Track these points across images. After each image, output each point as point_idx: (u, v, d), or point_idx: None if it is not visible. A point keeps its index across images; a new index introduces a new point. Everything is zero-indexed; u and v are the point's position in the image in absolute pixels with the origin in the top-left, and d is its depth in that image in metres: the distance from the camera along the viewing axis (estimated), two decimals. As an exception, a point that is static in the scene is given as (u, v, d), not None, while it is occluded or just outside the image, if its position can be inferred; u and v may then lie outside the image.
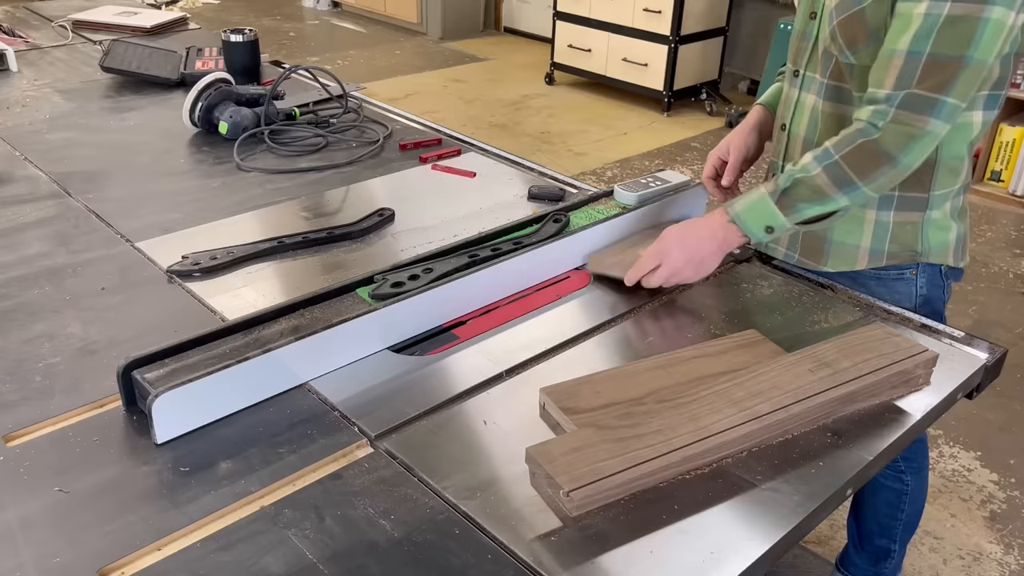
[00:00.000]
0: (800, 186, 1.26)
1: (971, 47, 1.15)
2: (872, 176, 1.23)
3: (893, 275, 1.39)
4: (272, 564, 0.85)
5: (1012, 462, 2.39)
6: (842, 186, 1.24)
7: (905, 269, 1.39)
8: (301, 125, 1.97)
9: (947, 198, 1.36)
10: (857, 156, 1.22)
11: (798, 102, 1.41)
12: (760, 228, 1.29)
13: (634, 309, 1.31)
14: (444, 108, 5.07)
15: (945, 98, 1.17)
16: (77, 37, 2.73)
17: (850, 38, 1.27)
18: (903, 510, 1.66)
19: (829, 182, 1.24)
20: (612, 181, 4.10)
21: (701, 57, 5.04)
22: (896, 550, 1.73)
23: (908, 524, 1.70)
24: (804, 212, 1.27)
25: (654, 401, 1.05)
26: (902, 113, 1.19)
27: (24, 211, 1.57)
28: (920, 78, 1.18)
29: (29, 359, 1.16)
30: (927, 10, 1.15)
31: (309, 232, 1.49)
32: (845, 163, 1.23)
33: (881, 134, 1.21)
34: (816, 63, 1.36)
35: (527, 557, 0.86)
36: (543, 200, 1.67)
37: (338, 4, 7.56)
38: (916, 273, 1.39)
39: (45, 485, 0.94)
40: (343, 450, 1.00)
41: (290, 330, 1.14)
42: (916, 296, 1.41)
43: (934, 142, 1.21)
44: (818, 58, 1.35)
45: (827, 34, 1.31)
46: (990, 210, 3.99)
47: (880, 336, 1.16)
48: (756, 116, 1.55)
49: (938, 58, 1.16)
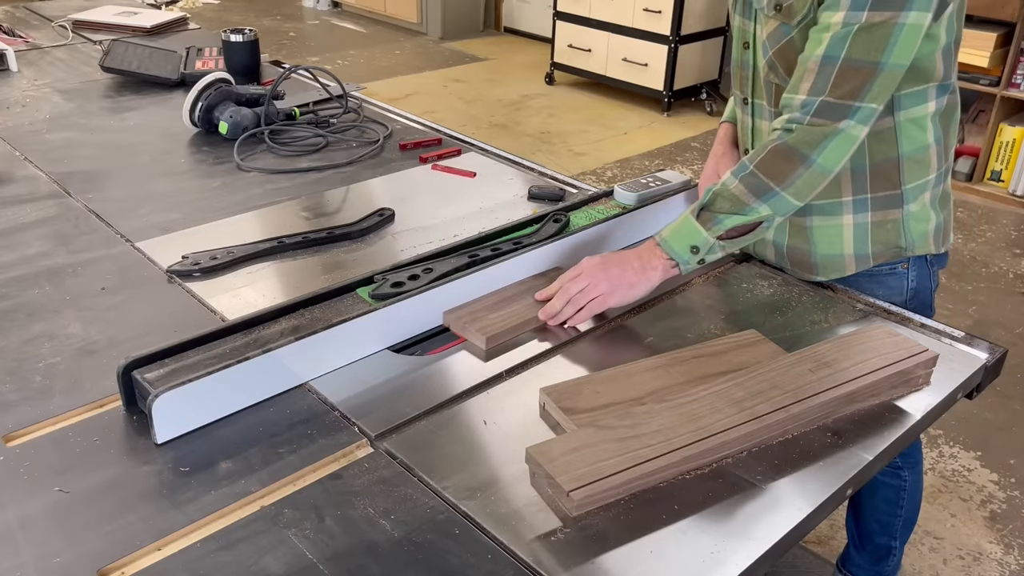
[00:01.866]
0: (718, 199, 1.24)
1: (885, 53, 1.15)
2: (788, 179, 1.21)
3: (885, 271, 1.40)
4: (272, 564, 0.85)
5: (1012, 462, 2.39)
6: (759, 193, 1.22)
7: (896, 264, 1.39)
8: (301, 125, 1.97)
9: (924, 189, 1.35)
10: (770, 161, 1.21)
11: (754, 128, 1.42)
12: (685, 248, 1.24)
13: (634, 309, 1.31)
14: (444, 108, 5.07)
15: (859, 104, 1.17)
16: (77, 37, 2.73)
17: (787, 66, 1.27)
18: (902, 506, 1.67)
19: (746, 191, 1.22)
20: (612, 181, 4.10)
21: (701, 57, 5.04)
22: (897, 547, 1.74)
23: (907, 520, 1.70)
24: (724, 223, 1.23)
25: (654, 401, 1.05)
26: (816, 119, 1.19)
27: (24, 211, 1.57)
28: (834, 84, 1.17)
29: (29, 359, 1.16)
30: (844, 19, 1.15)
31: (309, 232, 1.49)
32: (759, 170, 1.22)
33: (793, 136, 1.20)
34: (761, 91, 1.36)
35: (527, 557, 0.86)
36: (543, 200, 1.67)
37: (338, 4, 7.56)
38: (907, 267, 1.39)
39: (45, 485, 0.94)
40: (343, 450, 1.01)
41: (290, 330, 1.14)
42: (907, 289, 1.41)
43: (852, 143, 1.20)
44: (762, 86, 1.35)
45: (764, 64, 1.31)
46: (990, 210, 3.99)
47: (880, 336, 1.16)
48: (728, 133, 1.53)
49: (852, 64, 1.16)
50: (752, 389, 1.06)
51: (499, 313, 1.24)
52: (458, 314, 1.24)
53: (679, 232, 1.25)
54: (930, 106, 1.29)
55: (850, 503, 1.76)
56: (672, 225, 1.27)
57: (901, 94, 1.26)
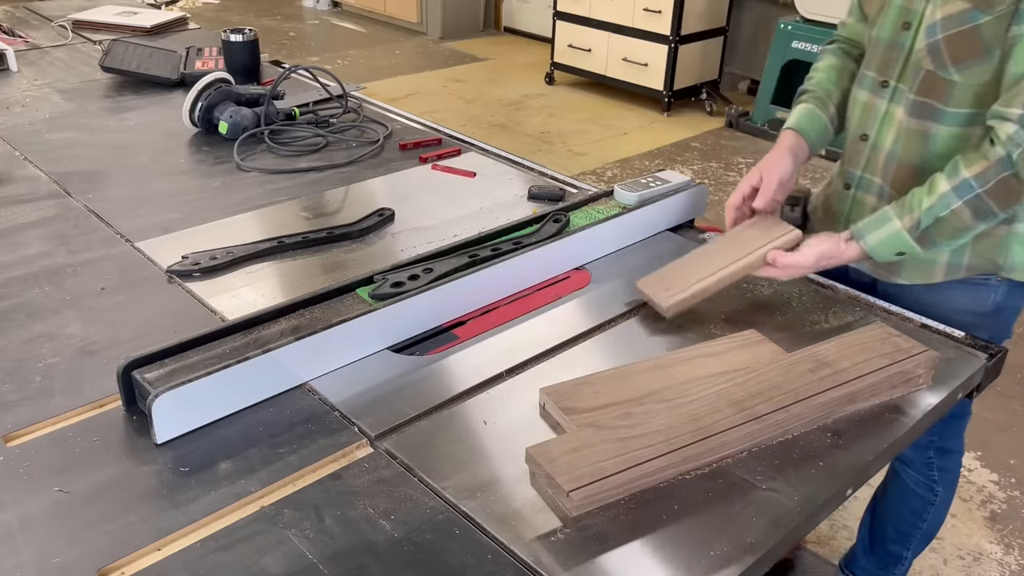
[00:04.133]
0: (943, 224, 1.23)
1: None
2: (1011, 206, 1.22)
3: (979, 279, 1.35)
4: (272, 564, 0.85)
5: (1012, 462, 2.39)
6: (982, 217, 1.22)
7: (991, 276, 1.35)
8: (301, 125, 1.97)
9: None
10: (1000, 190, 1.19)
11: (887, 114, 1.35)
12: (890, 253, 1.28)
13: (634, 309, 1.31)
14: (444, 108, 5.06)
15: None
16: (77, 37, 2.73)
17: (957, 54, 1.22)
18: (926, 520, 1.64)
19: (971, 216, 1.22)
20: (612, 181, 4.10)
21: (701, 57, 5.03)
22: (908, 558, 1.71)
23: (926, 535, 1.68)
24: (942, 246, 1.26)
25: (654, 401, 1.05)
26: None
27: (24, 211, 1.57)
28: None
29: (29, 359, 1.16)
30: None
31: (309, 232, 1.49)
32: (988, 197, 1.20)
33: (1018, 159, 1.17)
34: (908, 76, 1.31)
35: (527, 557, 0.86)
36: (543, 200, 1.67)
37: (338, 4, 7.56)
38: (1001, 280, 1.35)
39: (45, 485, 0.94)
40: (343, 450, 1.00)
41: (290, 330, 1.14)
42: (991, 302, 1.37)
43: None
44: (910, 71, 1.30)
45: (923, 47, 1.26)
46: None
47: (880, 336, 1.16)
48: (789, 140, 1.45)
49: None
50: (752, 389, 1.06)
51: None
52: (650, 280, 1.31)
53: (889, 243, 1.26)
54: None
55: (870, 507, 1.74)
56: (879, 236, 1.26)
57: None
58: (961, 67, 1.23)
